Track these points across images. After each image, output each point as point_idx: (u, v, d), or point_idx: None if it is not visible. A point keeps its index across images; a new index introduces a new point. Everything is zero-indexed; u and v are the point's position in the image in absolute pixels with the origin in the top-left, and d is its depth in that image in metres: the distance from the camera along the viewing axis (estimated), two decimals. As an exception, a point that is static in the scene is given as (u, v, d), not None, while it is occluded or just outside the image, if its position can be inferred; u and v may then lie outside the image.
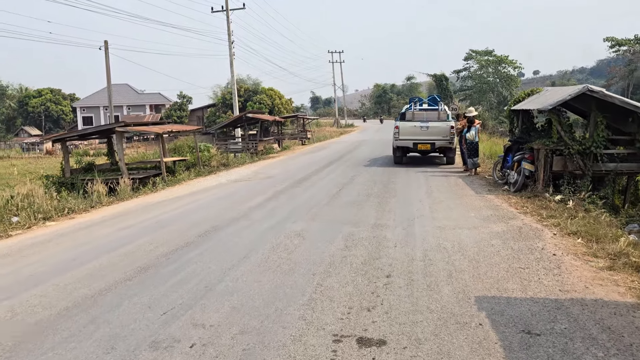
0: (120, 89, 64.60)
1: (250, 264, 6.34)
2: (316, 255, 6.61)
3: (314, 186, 13.31)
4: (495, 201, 10.50)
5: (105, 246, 7.65)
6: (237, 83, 61.47)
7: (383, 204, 10.35)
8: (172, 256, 6.87)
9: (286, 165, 20.05)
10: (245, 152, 26.41)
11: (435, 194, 11.47)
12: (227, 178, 16.30)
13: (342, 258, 6.47)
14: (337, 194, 11.71)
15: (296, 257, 6.58)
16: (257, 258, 6.59)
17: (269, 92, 56.39)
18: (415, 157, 19.72)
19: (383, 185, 13.05)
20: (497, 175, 13.40)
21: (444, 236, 7.50)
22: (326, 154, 24.45)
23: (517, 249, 6.73)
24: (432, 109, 17.88)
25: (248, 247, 7.20)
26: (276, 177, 15.72)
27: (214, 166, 19.22)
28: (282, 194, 12.05)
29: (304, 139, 36.18)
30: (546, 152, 11.28)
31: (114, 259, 6.88)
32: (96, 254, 7.20)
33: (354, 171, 16.40)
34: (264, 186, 13.70)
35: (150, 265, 6.49)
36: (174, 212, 10.35)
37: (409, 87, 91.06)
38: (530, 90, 14.29)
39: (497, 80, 62.56)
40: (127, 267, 6.42)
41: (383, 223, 8.49)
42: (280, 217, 9.29)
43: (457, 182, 13.39)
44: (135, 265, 6.51)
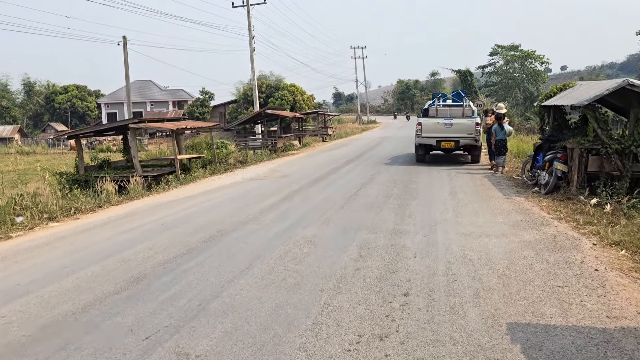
0: (143, 85, 64.85)
1: (252, 276, 5.70)
2: (326, 267, 5.94)
3: (331, 186, 12.63)
4: (525, 204, 9.67)
5: (102, 252, 7.09)
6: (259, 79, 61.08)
7: (403, 206, 9.61)
8: (170, 265, 6.27)
9: (304, 163, 19.40)
10: (264, 149, 25.84)
11: (460, 196, 10.68)
12: (243, 176, 15.73)
13: (355, 271, 5.78)
14: (355, 195, 11.00)
15: (304, 268, 5.92)
16: (262, 269, 5.95)
17: (291, 89, 55.76)
18: (439, 155, 18.86)
19: (404, 185, 12.30)
20: (526, 175, 12.52)
21: (470, 245, 6.75)
22: (346, 152, 23.73)
23: (552, 262, 5.94)
24: (456, 105, 17.00)
25: (253, 255, 6.56)
26: (292, 176, 15.08)
27: (230, 164, 18.69)
28: (296, 195, 11.40)
29: (324, 135, 35.48)
30: (581, 151, 10.39)
31: (108, 267, 6.31)
32: (91, 260, 6.65)
33: (374, 170, 15.66)
34: (279, 186, 13.06)
35: (145, 275, 5.90)
36: (182, 214, 9.78)
37: (432, 83, 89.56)
38: (562, 84, 13.34)
39: (524, 76, 60.98)
40: (120, 277, 5.84)
41: (402, 229, 7.77)
42: (292, 220, 8.64)
43: (483, 183, 12.55)
44: (128, 275, 5.93)
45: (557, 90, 13.16)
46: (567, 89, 12.87)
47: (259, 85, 57.57)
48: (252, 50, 34.89)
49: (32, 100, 69.33)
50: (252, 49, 34.85)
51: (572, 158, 10.53)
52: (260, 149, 26.40)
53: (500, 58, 62.21)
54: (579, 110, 12.86)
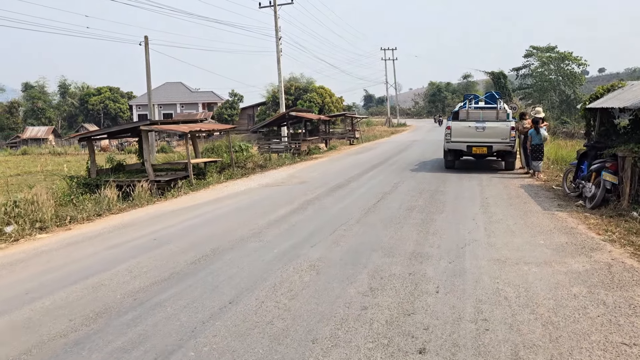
0: (174, 87, 64.87)
1: (234, 315, 4.62)
2: (326, 304, 4.81)
3: (350, 195, 11.47)
4: (569, 221, 8.33)
5: (76, 273, 6.13)
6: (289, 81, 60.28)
7: (427, 222, 8.39)
8: (142, 295, 5.25)
9: (326, 167, 18.28)
10: (287, 152, 24.85)
11: (493, 209, 9.39)
12: (259, 182, 14.73)
13: (361, 310, 4.63)
14: (374, 207, 9.82)
15: (299, 305, 4.80)
16: (248, 305, 4.86)
17: (320, 91, 54.73)
18: (469, 161, 17.47)
19: (430, 195, 11.05)
20: (568, 186, 11.10)
21: (505, 277, 5.51)
22: (372, 156, 22.50)
23: (611, 304, 4.67)
24: (489, 108, 15.59)
25: (243, 284, 5.48)
26: (310, 183, 13.98)
27: (249, 168, 17.73)
28: (310, 205, 10.29)
29: (352, 138, 34.29)
30: (634, 160, 8.97)
31: (73, 295, 5.33)
32: (59, 285, 5.69)
33: (398, 177, 14.42)
34: (294, 193, 11.98)
35: (107, 309, 4.88)
36: (181, 226, 8.80)
37: (465, 86, 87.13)
38: (610, 85, 11.86)
39: (560, 78, 58.57)
40: (78, 312, 4.84)
41: (424, 251, 6.57)
42: (299, 237, 7.53)
43: (519, 194, 11.19)
44: (89, 308, 4.92)
45: (604, 92, 11.69)
46: (615, 90, 11.40)
47: (288, 88, 56.78)
48: (278, 51, 33.97)
49: (67, 101, 70.27)
50: (278, 50, 33.94)
51: (623, 168, 9.11)
52: (284, 152, 25.44)
53: (535, 60, 59.99)
54: (629, 113, 11.39)
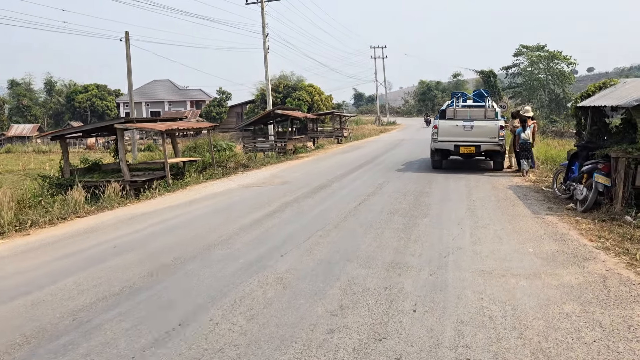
0: (162, 85, 63.95)
1: (181, 341, 4.03)
2: (288, 327, 4.23)
3: (331, 197, 10.90)
4: (560, 226, 7.81)
5: (17, 288, 5.51)
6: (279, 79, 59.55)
7: (410, 227, 7.83)
8: (83, 314, 4.64)
9: (311, 167, 17.70)
10: (273, 151, 24.25)
11: (479, 213, 8.86)
12: (240, 182, 14.11)
13: (327, 335, 4.07)
14: (355, 210, 9.26)
15: (257, 328, 4.22)
16: (199, 327, 4.27)
17: (309, 89, 54.07)
18: (457, 160, 16.97)
19: (414, 197, 10.50)
20: (558, 188, 10.61)
21: (490, 292, 4.97)
22: (359, 155, 21.95)
23: (608, 326, 4.14)
24: (477, 106, 15.07)
25: (198, 300, 4.89)
26: (293, 183, 13.39)
27: (230, 168, 17.09)
28: (288, 208, 9.71)
29: (339, 137, 33.72)
30: (628, 161, 8.49)
31: (6, 314, 4.72)
32: (-6, 301, 5.07)
33: (383, 177, 13.87)
34: (274, 195, 11.39)
35: (41, 331, 4.27)
36: (147, 231, 8.18)
37: (455, 84, 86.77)
38: (601, 82, 11.38)
39: (549, 77, 58.43)
40: (6, 335, 4.23)
41: (404, 261, 6.01)
42: (269, 245, 6.94)
43: (507, 195, 10.68)
44: (21, 330, 4.31)
45: (595, 89, 11.21)
46: (607, 88, 10.92)
47: (277, 85, 56.12)
48: (265, 49, 33.31)
49: (53, 99, 69.09)
50: (265, 47, 33.27)
51: (616, 169, 8.63)
52: (270, 151, 24.84)
53: (525, 59, 59.78)
54: (620, 112, 10.93)
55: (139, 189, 13.46)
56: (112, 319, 4.48)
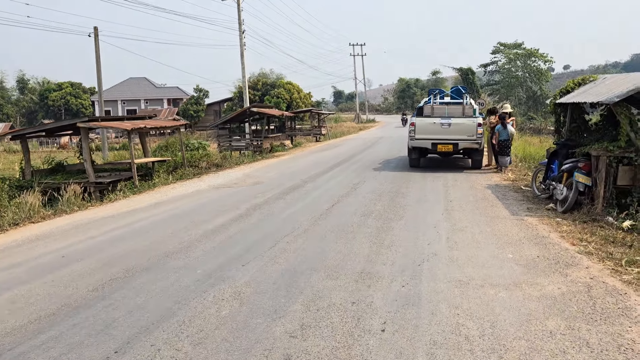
0: (138, 83, 62.67)
1: (114, 372, 3.49)
2: (240, 352, 3.72)
3: (304, 199, 10.40)
4: (540, 229, 7.43)
5: (-57, 306, 4.90)
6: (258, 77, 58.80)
7: (383, 231, 7.37)
8: (7, 340, 4.06)
9: (286, 166, 17.16)
10: (249, 150, 23.66)
11: (457, 214, 8.44)
12: (211, 183, 13.53)
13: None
14: (327, 213, 8.77)
15: (203, 354, 3.70)
16: (135, 356, 3.73)
17: (287, 86, 53.43)
18: (435, 158, 16.61)
19: (390, 198, 10.06)
20: (537, 187, 10.27)
21: (467, 306, 4.52)
22: (336, 153, 21.48)
23: (596, 346, 3.71)
24: (455, 103, 14.70)
25: (143, 320, 4.35)
26: (265, 184, 12.86)
27: (202, 168, 16.47)
28: (257, 211, 9.17)
29: (318, 135, 33.23)
30: (609, 160, 8.16)
31: None
32: None
33: (360, 176, 13.42)
34: (243, 197, 10.85)
35: (-48, 365, 3.70)
36: (102, 238, 7.57)
37: (434, 82, 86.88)
38: (580, 78, 11.06)
39: (527, 75, 58.80)
40: None
41: (375, 271, 5.54)
42: (232, 253, 6.41)
43: (486, 195, 10.30)
44: None
45: (574, 86, 10.88)
46: (587, 84, 10.60)
47: (255, 83, 55.39)
48: (242, 45, 32.63)
49: (26, 97, 67.28)
50: (242, 44, 32.60)
51: (597, 168, 8.29)
52: (245, 149, 24.25)
53: (502, 56, 60.02)
54: (601, 109, 10.63)
55: (104, 190, 12.82)
56: (39, 346, 3.92)
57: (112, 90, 60.99)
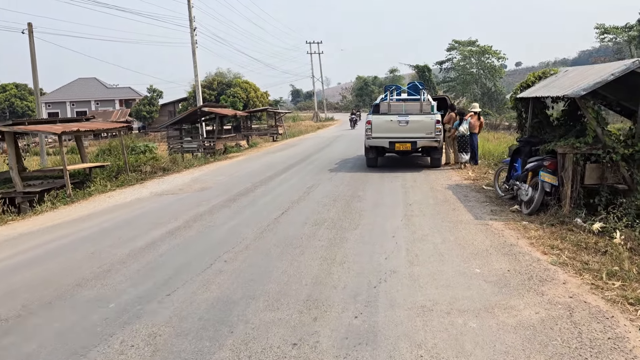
0: (88, 84, 59.97)
1: None
2: None
3: (252, 205, 9.46)
4: (507, 234, 6.75)
5: None
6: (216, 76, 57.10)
7: (336, 243, 6.53)
8: None
9: (238, 168, 16.13)
10: (200, 152, 22.50)
11: (417, 220, 7.69)
12: (154, 189, 12.39)
13: None
14: (275, 223, 7.86)
15: None
16: None
17: (244, 85, 52.14)
18: (393, 157, 15.93)
19: (346, 203, 9.23)
20: (500, 186, 9.66)
21: (432, 342, 3.71)
22: (292, 153, 20.57)
23: (594, 398, 2.96)
24: (412, 99, 14.01)
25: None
26: (213, 189, 11.83)
27: (146, 172, 15.24)
28: (198, 222, 8.18)
29: (275, 135, 32.24)
30: (576, 157, 7.57)
31: None
32: None
33: (314, 179, 12.56)
34: (186, 205, 9.81)
35: None
36: (8, 262, 6.43)
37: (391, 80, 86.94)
38: (541, 72, 10.52)
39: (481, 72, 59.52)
40: None
41: (323, 297, 4.67)
42: (158, 278, 5.42)
43: (447, 197, 9.61)
44: None
45: (535, 79, 10.33)
46: (547, 77, 10.05)
47: (211, 82, 53.86)
48: (193, 43, 31.25)
49: (-33, 99, 63.35)
50: (193, 42, 31.21)
51: (564, 167, 7.69)
52: (197, 151, 23.05)
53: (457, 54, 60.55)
54: (563, 103, 10.13)
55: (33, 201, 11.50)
56: None
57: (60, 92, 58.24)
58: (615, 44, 55.45)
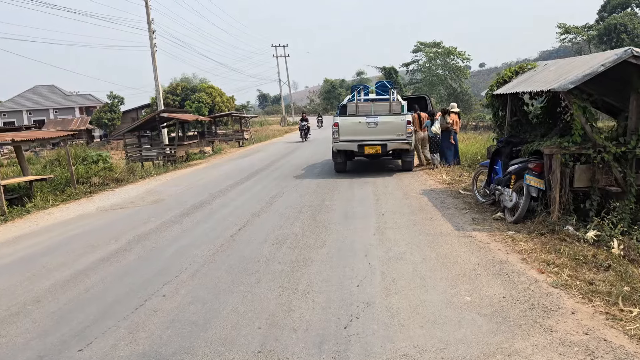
0: (46, 91, 57.30)
1: None
2: None
3: (207, 220, 8.36)
4: (494, 248, 5.87)
5: None
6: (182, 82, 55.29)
7: (299, 267, 5.51)
8: None
9: (199, 177, 14.95)
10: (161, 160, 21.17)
11: (391, 234, 6.74)
12: (102, 203, 11.14)
13: None
14: (230, 241, 6.79)
15: None
16: None
17: (209, 90, 50.53)
18: (363, 160, 15.03)
19: (312, 215, 8.24)
20: (479, 191, 8.82)
21: (423, 417, 2.73)
22: (257, 159, 19.47)
23: None
24: (381, 99, 13.11)
25: None
26: (166, 202, 10.67)
27: (96, 185, 13.91)
28: (140, 243, 7.04)
29: (240, 140, 31.01)
30: (564, 159, 6.78)
31: None
32: None
33: (278, 187, 11.52)
34: (133, 222, 8.65)
35: None
36: None
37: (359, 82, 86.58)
38: (518, 66, 9.73)
39: (447, 73, 59.76)
40: None
41: (280, 348, 3.64)
42: (74, 324, 4.29)
43: (422, 204, 8.71)
44: None
45: (512, 75, 9.54)
46: (525, 72, 9.28)
47: (174, 88, 52.13)
48: (153, 47, 29.77)
49: None
50: (152, 45, 29.73)
51: (551, 169, 6.88)
52: (157, 159, 21.71)
53: (423, 55, 60.62)
54: (541, 100, 9.39)
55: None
56: None
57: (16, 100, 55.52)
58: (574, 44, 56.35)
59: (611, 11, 51.11)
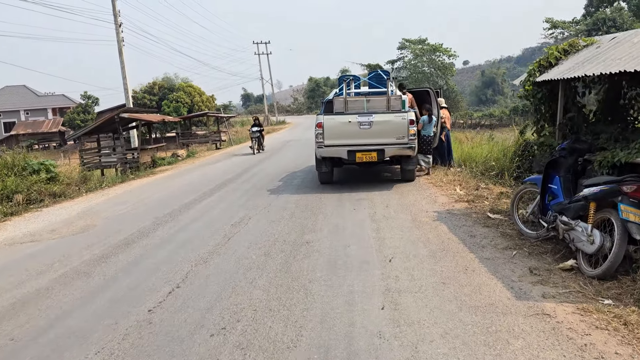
0: (16, 92, 53.63)
1: None
2: None
3: (126, 274, 5.53)
4: (599, 346, 3.14)
5: None
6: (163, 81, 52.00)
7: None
8: None
9: (154, 191, 12.06)
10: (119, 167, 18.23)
11: (414, 312, 4.00)
12: (13, 232, 8.27)
13: None
14: (137, 330, 3.99)
15: None
16: None
17: (188, 89, 47.42)
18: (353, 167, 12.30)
19: (283, 261, 5.45)
20: (521, 218, 6.09)
21: None
22: (230, 165, 16.60)
23: None
24: (377, 93, 10.32)
25: None
26: (96, 230, 7.83)
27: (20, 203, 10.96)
28: (10, 321, 4.20)
29: (217, 141, 28.08)
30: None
31: None
32: None
33: (247, 206, 8.73)
34: (29, 269, 5.78)
35: None
36: None
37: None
38: (567, 44, 7.06)
39: (433, 70, 57.76)
40: None
41: None
42: None
43: (444, 239, 5.97)
44: None
45: (559, 54, 6.83)
46: (581, 50, 6.57)
47: (151, 87, 48.96)
48: (120, 41, 26.68)
49: None
50: (119, 39, 26.64)
51: (663, 195, 4.18)
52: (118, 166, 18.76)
53: (408, 52, 58.56)
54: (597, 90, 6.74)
55: None
56: None
57: (-17, 101, 51.82)
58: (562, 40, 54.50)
59: (598, 5, 49.13)
